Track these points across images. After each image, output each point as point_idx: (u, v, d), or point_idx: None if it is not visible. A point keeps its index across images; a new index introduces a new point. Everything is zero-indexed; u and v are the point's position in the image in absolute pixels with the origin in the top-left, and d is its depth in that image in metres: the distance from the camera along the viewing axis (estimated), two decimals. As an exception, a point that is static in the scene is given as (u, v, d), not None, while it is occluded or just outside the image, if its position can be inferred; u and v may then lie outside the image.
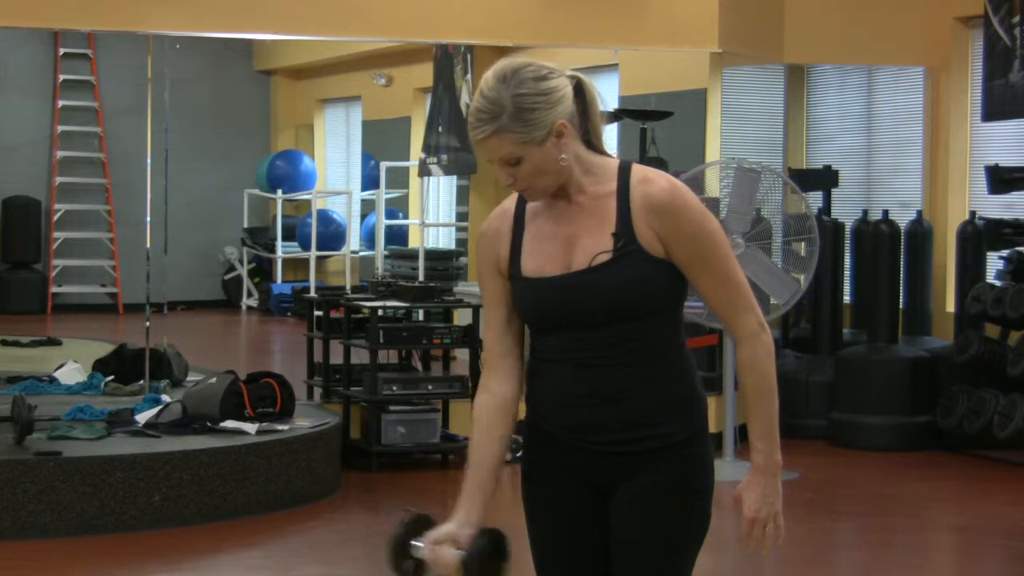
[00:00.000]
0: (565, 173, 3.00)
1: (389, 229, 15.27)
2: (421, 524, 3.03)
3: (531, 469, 3.16)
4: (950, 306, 10.03)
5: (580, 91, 3.02)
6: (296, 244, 16.86)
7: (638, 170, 3.03)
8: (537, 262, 3.04)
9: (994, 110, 9.63)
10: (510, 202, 3.13)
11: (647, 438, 3.02)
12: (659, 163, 9.18)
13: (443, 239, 15.14)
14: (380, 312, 8.64)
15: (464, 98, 12.48)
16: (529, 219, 3.08)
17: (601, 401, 2.99)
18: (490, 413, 3.10)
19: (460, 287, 11.76)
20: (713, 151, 9.61)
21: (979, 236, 9.49)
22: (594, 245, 3.00)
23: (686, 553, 3.07)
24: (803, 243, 8.54)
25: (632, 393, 2.99)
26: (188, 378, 9.10)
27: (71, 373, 9.37)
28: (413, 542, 3.00)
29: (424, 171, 13.07)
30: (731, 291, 3.02)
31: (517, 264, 3.06)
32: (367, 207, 16.33)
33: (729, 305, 3.02)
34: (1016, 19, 9.35)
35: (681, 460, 3.04)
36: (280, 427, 7.60)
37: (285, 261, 16.89)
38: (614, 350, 2.98)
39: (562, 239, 3.03)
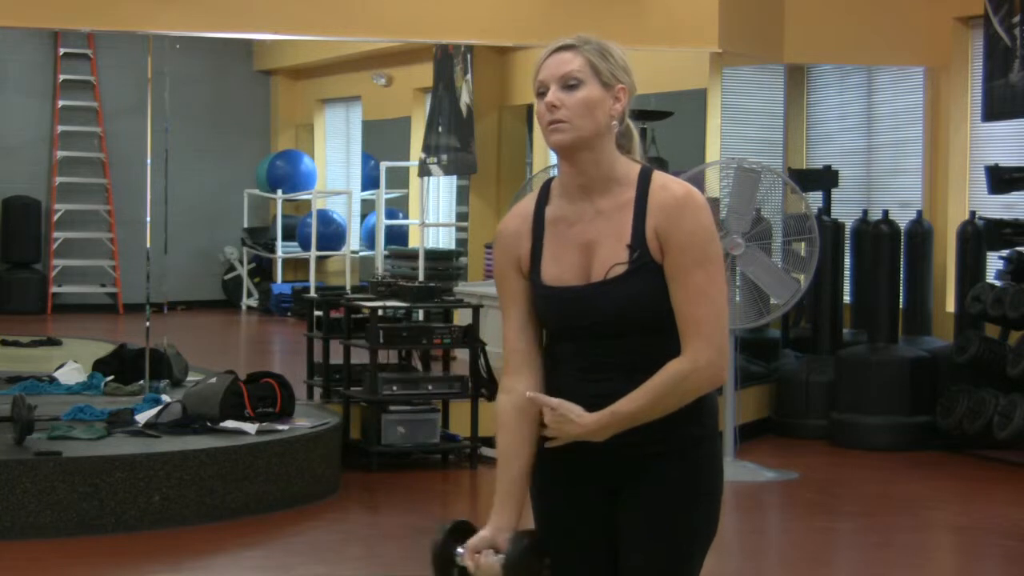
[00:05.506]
0: (601, 139, 3.00)
1: (389, 229, 15.27)
2: (460, 531, 3.02)
3: (542, 466, 3.14)
4: (950, 306, 10.03)
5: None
6: (296, 244, 16.86)
7: (658, 177, 3.03)
8: (557, 270, 3.03)
9: (994, 110, 9.63)
10: (528, 204, 3.11)
11: (660, 439, 3.01)
12: (659, 163, 9.17)
13: (443, 239, 15.14)
14: (380, 312, 8.64)
15: (464, 98, 12.48)
16: (549, 223, 3.06)
17: (612, 403, 2.97)
18: (513, 415, 3.06)
19: (460, 287, 11.77)
20: (713, 151, 9.61)
21: (979, 236, 9.49)
22: (610, 256, 2.99)
23: (694, 555, 3.06)
24: (803, 243, 8.54)
25: None
26: (188, 378, 9.10)
27: (71, 373, 9.37)
28: (457, 549, 2.99)
29: (424, 171, 13.08)
30: (699, 312, 2.94)
31: (537, 270, 3.05)
32: (367, 207, 16.33)
33: (693, 326, 2.94)
34: (1016, 19, 9.35)
35: (691, 462, 3.04)
36: (280, 427, 7.60)
37: (285, 261, 16.88)
38: (628, 358, 2.97)
39: (581, 247, 3.02)
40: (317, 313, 9.27)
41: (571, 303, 3.01)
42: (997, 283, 9.14)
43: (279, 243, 16.76)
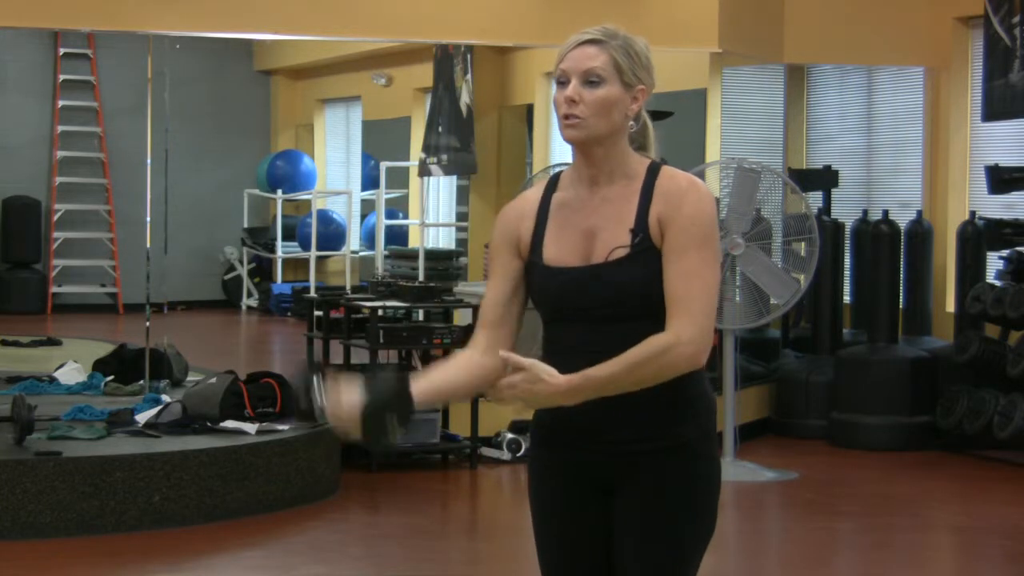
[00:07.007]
0: (615, 136, 3.02)
1: (389, 229, 15.26)
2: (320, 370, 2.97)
3: (537, 467, 3.15)
4: (950, 306, 10.03)
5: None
6: (296, 244, 16.86)
7: (667, 170, 3.05)
8: (558, 251, 3.04)
9: (994, 110, 9.63)
10: (536, 190, 3.13)
11: (655, 438, 3.01)
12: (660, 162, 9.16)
13: (443, 239, 15.13)
14: (380, 312, 8.64)
15: (464, 98, 12.48)
16: (554, 209, 3.08)
17: (610, 399, 2.95)
18: (467, 354, 3.07)
19: (460, 287, 11.76)
20: (713, 151, 9.61)
21: (979, 236, 9.50)
22: (613, 239, 3.00)
23: (692, 554, 3.06)
24: (803, 243, 8.54)
25: (642, 392, 2.95)
26: (188, 378, 9.09)
27: (71, 373, 9.37)
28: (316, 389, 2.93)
29: (424, 171, 13.07)
30: (690, 291, 2.93)
31: (539, 251, 3.06)
32: (367, 207, 16.32)
33: (681, 303, 2.93)
34: (1016, 19, 9.35)
35: (689, 461, 3.03)
36: (280, 427, 7.59)
37: (285, 261, 16.88)
38: (623, 343, 2.94)
39: (583, 231, 3.03)
40: (317, 313, 9.27)
41: (570, 284, 3.01)
42: (997, 283, 9.14)
43: (279, 243, 16.76)
